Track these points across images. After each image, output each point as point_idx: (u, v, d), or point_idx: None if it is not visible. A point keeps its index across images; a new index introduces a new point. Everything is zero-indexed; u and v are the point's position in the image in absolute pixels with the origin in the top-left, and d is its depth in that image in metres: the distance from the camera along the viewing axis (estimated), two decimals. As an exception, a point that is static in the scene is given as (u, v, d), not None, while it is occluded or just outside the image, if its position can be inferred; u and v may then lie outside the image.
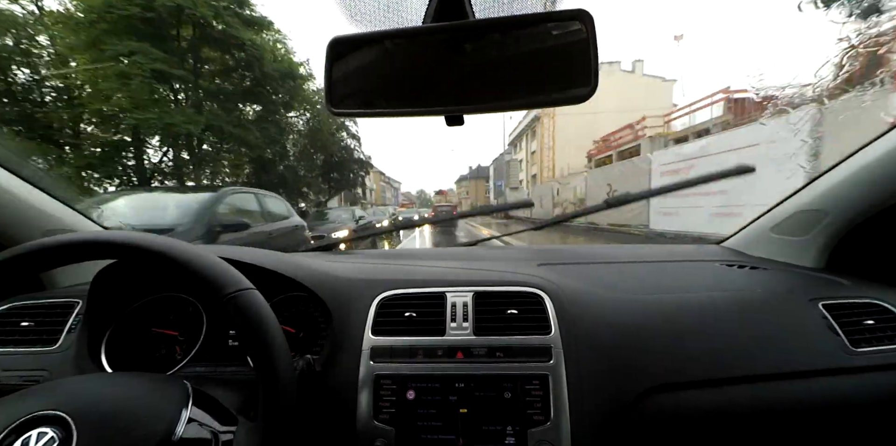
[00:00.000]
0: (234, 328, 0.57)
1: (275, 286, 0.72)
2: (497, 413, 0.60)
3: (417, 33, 0.56)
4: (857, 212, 0.83)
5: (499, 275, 0.78)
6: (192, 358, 0.73)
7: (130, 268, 0.73)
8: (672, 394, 0.64)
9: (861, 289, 0.79)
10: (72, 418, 0.38)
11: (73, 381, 0.47)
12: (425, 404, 0.61)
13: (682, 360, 0.66)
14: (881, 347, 0.68)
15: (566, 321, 0.67)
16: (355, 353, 0.66)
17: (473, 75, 0.56)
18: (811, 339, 0.69)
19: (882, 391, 0.66)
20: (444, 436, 0.60)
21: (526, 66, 0.55)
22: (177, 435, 0.40)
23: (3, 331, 0.75)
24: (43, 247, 0.48)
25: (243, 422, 0.47)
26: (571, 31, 0.51)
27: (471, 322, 0.68)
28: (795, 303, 0.74)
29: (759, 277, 0.89)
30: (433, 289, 0.73)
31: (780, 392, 0.64)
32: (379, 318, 0.70)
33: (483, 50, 0.55)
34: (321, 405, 0.63)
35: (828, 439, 0.67)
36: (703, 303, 0.75)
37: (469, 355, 0.64)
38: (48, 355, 0.72)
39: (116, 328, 0.74)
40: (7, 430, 0.38)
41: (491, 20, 0.57)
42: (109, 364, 0.69)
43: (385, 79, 0.60)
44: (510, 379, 0.62)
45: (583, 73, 0.51)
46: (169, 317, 0.78)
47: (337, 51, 0.56)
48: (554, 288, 0.72)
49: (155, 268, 0.55)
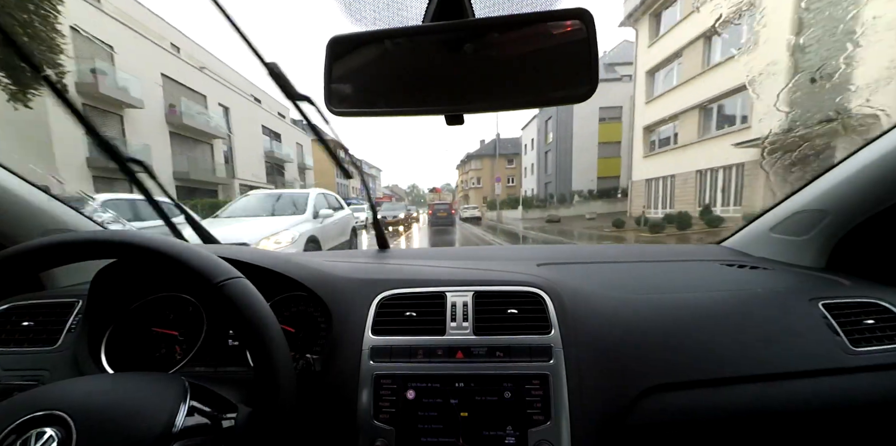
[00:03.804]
0: (227, 318, 0.57)
1: (275, 286, 0.72)
2: (497, 413, 0.60)
3: (417, 33, 0.56)
4: (857, 212, 0.83)
5: (499, 275, 0.78)
6: (192, 358, 0.73)
7: (130, 268, 0.73)
8: (672, 394, 0.64)
9: (861, 288, 0.79)
10: (71, 417, 0.38)
11: (73, 382, 0.48)
12: (425, 404, 0.61)
13: (682, 360, 0.66)
14: (881, 347, 0.68)
15: (566, 321, 0.67)
16: (355, 353, 0.66)
17: (473, 75, 0.56)
18: (811, 339, 0.69)
19: (882, 391, 0.66)
20: (444, 439, 0.60)
21: (526, 66, 0.55)
22: (177, 427, 0.40)
23: (3, 330, 0.75)
24: (41, 246, 0.48)
25: (243, 408, 0.47)
26: (571, 31, 0.51)
27: (471, 322, 0.68)
28: (795, 303, 0.74)
29: (759, 277, 0.89)
30: (433, 289, 0.73)
31: (780, 392, 0.64)
32: (379, 318, 0.70)
33: (483, 49, 0.55)
34: (321, 404, 0.63)
35: (828, 439, 0.67)
36: (703, 302, 0.75)
37: (469, 355, 0.64)
38: (48, 355, 0.71)
39: (116, 328, 0.74)
40: (7, 430, 0.38)
41: (491, 19, 0.57)
42: (109, 364, 0.69)
43: (385, 78, 0.60)
44: (510, 379, 0.62)
45: (583, 72, 0.51)
46: (169, 316, 0.78)
47: (336, 50, 0.56)
48: (554, 287, 0.72)
49: (150, 265, 0.56)
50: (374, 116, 0.62)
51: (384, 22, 0.61)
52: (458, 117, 0.60)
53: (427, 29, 0.56)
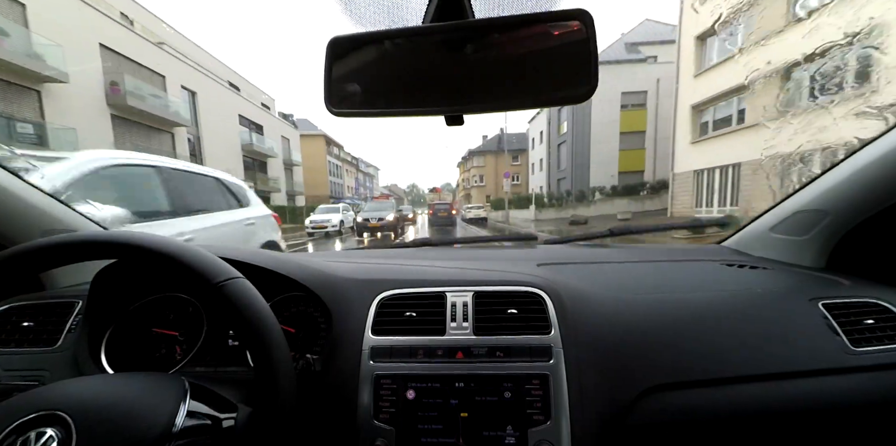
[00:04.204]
0: (227, 317, 0.57)
1: (275, 286, 0.72)
2: (497, 413, 0.60)
3: (417, 33, 0.56)
4: (857, 212, 0.83)
5: (499, 275, 0.78)
6: (192, 358, 0.73)
7: (130, 268, 0.73)
8: (672, 394, 0.64)
9: (861, 288, 0.79)
10: (71, 417, 0.38)
11: (73, 382, 0.48)
12: (425, 404, 0.61)
13: (682, 360, 0.66)
14: (881, 347, 0.68)
15: (566, 321, 0.67)
16: (355, 353, 0.66)
17: (473, 75, 0.56)
18: (811, 339, 0.69)
19: (882, 391, 0.66)
20: (444, 440, 0.60)
21: (526, 66, 0.55)
22: (177, 427, 0.40)
23: (3, 330, 0.75)
24: (41, 246, 0.48)
25: (243, 408, 0.47)
26: (571, 31, 0.51)
27: (471, 322, 0.68)
28: (795, 303, 0.74)
29: (759, 277, 0.89)
30: (433, 289, 0.73)
31: (780, 392, 0.64)
32: (379, 318, 0.70)
33: (483, 50, 0.55)
34: (321, 404, 0.63)
35: (828, 439, 0.67)
36: (703, 302, 0.75)
37: (469, 355, 0.64)
38: (48, 355, 0.71)
39: (116, 328, 0.74)
40: (7, 431, 0.38)
41: (491, 20, 0.57)
42: (109, 364, 0.69)
43: (385, 79, 0.60)
44: (510, 379, 0.62)
45: (583, 73, 0.51)
46: (169, 316, 0.78)
47: (336, 51, 0.56)
48: (554, 288, 0.72)
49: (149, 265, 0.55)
50: (374, 117, 0.62)
51: (384, 22, 0.61)
52: (458, 118, 0.60)
53: (427, 29, 0.56)
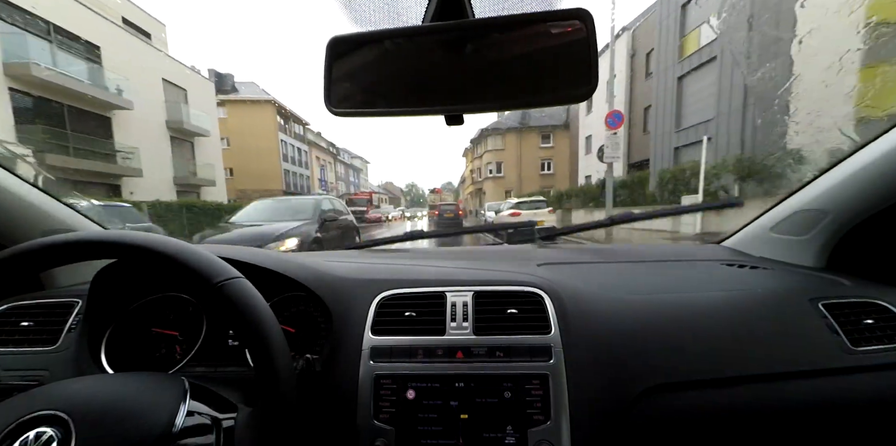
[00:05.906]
0: (227, 318, 0.57)
1: (275, 286, 0.72)
2: (497, 413, 0.60)
3: (417, 33, 0.56)
4: (857, 211, 0.83)
5: (499, 275, 0.78)
6: (191, 358, 0.73)
7: (130, 268, 0.73)
8: (672, 394, 0.64)
9: (861, 288, 0.79)
10: (70, 417, 0.38)
11: (72, 382, 0.48)
12: (425, 404, 0.61)
13: (681, 360, 0.66)
14: (881, 347, 0.68)
15: (566, 321, 0.67)
16: (355, 353, 0.66)
17: (473, 74, 0.56)
18: (811, 339, 0.69)
19: (882, 390, 0.66)
20: (444, 441, 0.60)
21: (526, 66, 0.55)
22: (177, 427, 0.40)
23: (3, 330, 0.75)
24: (41, 246, 0.48)
25: (243, 408, 0.47)
26: (571, 31, 0.51)
27: (471, 321, 0.68)
28: (795, 303, 0.74)
29: (759, 277, 0.89)
30: (433, 289, 0.73)
31: (779, 392, 0.64)
32: (379, 318, 0.69)
33: (483, 49, 0.56)
34: (321, 404, 0.63)
35: (828, 439, 0.66)
36: (702, 302, 0.75)
37: (469, 355, 0.64)
38: (48, 355, 0.71)
39: (116, 328, 0.74)
40: (7, 430, 0.38)
41: (491, 20, 0.57)
42: (109, 364, 0.69)
43: (385, 78, 0.60)
44: (510, 379, 0.62)
45: (583, 72, 0.51)
46: (169, 316, 0.78)
47: (337, 50, 0.56)
48: (554, 287, 0.72)
49: (149, 265, 0.55)
50: (374, 116, 0.62)
51: (384, 22, 0.61)
52: (458, 117, 0.60)
53: (427, 29, 0.56)
